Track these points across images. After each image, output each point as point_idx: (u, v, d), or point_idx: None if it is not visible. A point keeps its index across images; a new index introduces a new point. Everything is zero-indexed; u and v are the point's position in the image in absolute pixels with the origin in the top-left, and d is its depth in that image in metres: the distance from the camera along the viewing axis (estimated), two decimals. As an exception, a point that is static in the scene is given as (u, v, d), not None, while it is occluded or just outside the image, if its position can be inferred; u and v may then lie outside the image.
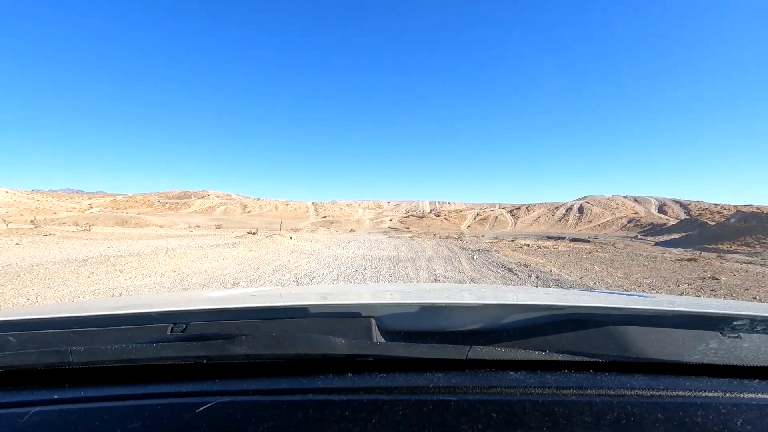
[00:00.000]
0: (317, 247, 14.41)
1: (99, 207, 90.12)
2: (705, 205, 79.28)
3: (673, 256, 13.02)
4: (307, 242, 17.23)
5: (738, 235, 31.61)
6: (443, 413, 0.45)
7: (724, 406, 0.47)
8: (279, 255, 10.99)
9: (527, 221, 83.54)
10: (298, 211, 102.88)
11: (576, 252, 15.17)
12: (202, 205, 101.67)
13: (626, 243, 35.81)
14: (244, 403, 0.47)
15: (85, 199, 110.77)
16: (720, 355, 0.62)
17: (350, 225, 72.68)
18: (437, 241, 23.64)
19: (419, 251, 14.07)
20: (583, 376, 0.55)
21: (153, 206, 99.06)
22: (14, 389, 0.55)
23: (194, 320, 0.74)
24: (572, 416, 0.44)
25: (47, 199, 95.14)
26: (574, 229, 71.70)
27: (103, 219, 57.52)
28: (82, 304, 1.16)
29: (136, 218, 58.68)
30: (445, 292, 1.29)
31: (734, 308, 0.86)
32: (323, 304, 0.89)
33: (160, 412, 0.46)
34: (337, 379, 0.55)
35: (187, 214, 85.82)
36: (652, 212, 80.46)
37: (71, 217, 60.06)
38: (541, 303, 0.89)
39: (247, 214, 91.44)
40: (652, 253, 15.67)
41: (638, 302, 0.96)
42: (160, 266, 7.31)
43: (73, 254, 8.59)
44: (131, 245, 11.64)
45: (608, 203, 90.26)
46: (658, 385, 0.52)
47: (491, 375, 0.55)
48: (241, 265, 8.33)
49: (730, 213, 63.81)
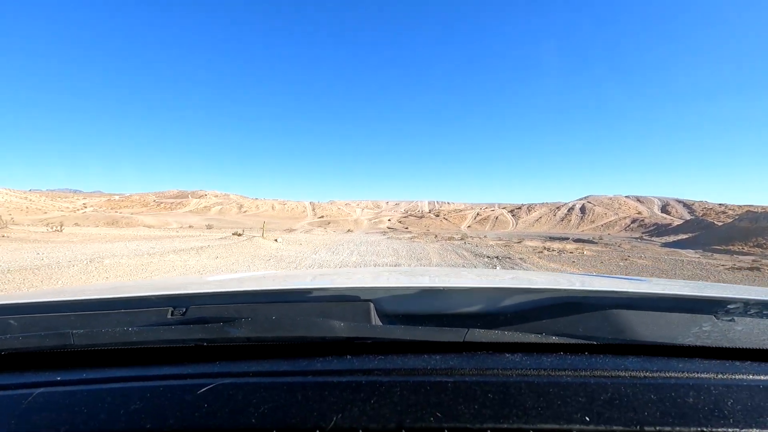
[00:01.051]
0: (303, 252, 12.86)
1: (93, 207, 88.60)
2: (709, 205, 78.04)
3: (724, 265, 11.48)
4: (294, 245, 15.70)
5: (749, 236, 30.21)
6: (440, 394, 0.46)
7: (716, 387, 0.48)
8: (251, 264, 9.41)
9: (528, 221, 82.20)
10: (295, 210, 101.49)
11: (608, 257, 13.54)
12: (197, 204, 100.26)
13: (633, 244, 34.45)
14: (245, 385, 0.48)
15: (80, 198, 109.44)
16: (713, 338, 0.64)
17: (348, 225, 71.28)
18: (441, 243, 22.07)
19: (423, 257, 12.52)
20: (578, 358, 0.56)
21: (148, 206, 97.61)
22: (18, 371, 0.55)
23: (194, 303, 0.75)
24: (567, 397, 0.45)
25: (41, 198, 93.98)
26: (576, 230, 70.38)
27: (93, 219, 56.31)
28: (83, 288, 1.15)
29: (127, 218, 57.21)
30: (443, 275, 1.30)
31: (728, 292, 0.88)
32: (322, 288, 0.90)
33: (162, 394, 0.47)
34: (336, 361, 0.55)
35: (182, 214, 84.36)
36: (655, 212, 79.19)
37: (60, 216, 58.68)
38: (537, 287, 0.90)
39: (243, 214, 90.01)
40: (692, 259, 14.18)
41: (633, 286, 0.99)
42: (58, 285, 5.67)
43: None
44: (83, 250, 10.05)
45: (610, 203, 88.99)
46: (652, 366, 0.53)
47: (488, 357, 0.56)
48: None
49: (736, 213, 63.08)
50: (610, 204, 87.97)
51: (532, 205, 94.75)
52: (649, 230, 60.73)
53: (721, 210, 71.10)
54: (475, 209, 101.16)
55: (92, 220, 54.44)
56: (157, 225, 49.02)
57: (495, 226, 77.80)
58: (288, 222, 74.09)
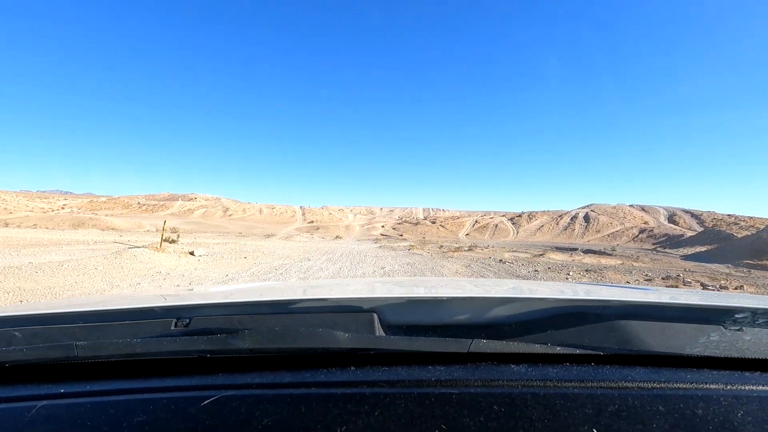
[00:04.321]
0: (221, 280, 8.47)
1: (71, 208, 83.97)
2: (718, 215, 74.42)
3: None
4: (226, 261, 11.33)
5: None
6: (445, 406, 0.45)
7: (725, 398, 0.47)
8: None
9: (530, 230, 78.15)
10: (284, 215, 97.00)
11: (655, 273, 9.78)
12: (181, 207, 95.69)
13: (651, 256, 30.63)
14: (248, 397, 0.48)
15: (61, 199, 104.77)
16: (722, 348, 0.63)
17: (338, 231, 66.95)
18: (444, 255, 17.81)
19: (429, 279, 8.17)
20: (584, 368, 0.56)
21: (129, 208, 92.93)
22: (21, 384, 0.55)
23: (198, 315, 0.75)
24: (574, 409, 0.44)
25: (16, 198, 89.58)
26: (581, 239, 66.33)
27: (59, 220, 51.89)
28: (86, 299, 1.12)
29: (95, 220, 52.71)
30: (447, 285, 1.29)
31: (736, 301, 0.87)
32: (325, 299, 0.90)
33: (165, 406, 0.46)
34: (339, 372, 0.55)
35: (162, 216, 79.59)
36: (662, 222, 75.47)
37: (24, 217, 54.82)
38: (542, 296, 0.89)
39: (228, 218, 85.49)
40: (734, 275, 10.05)
41: (639, 295, 0.98)
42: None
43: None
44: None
45: (614, 212, 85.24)
46: (660, 377, 0.52)
47: (493, 368, 0.55)
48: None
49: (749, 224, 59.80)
50: (614, 213, 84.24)
51: (533, 213, 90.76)
52: (660, 241, 56.78)
53: (732, 221, 67.34)
54: (472, 217, 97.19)
55: (56, 222, 50.05)
56: (127, 228, 44.86)
57: (495, 235, 73.76)
58: (274, 227, 69.67)
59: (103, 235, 27.10)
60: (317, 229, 68.68)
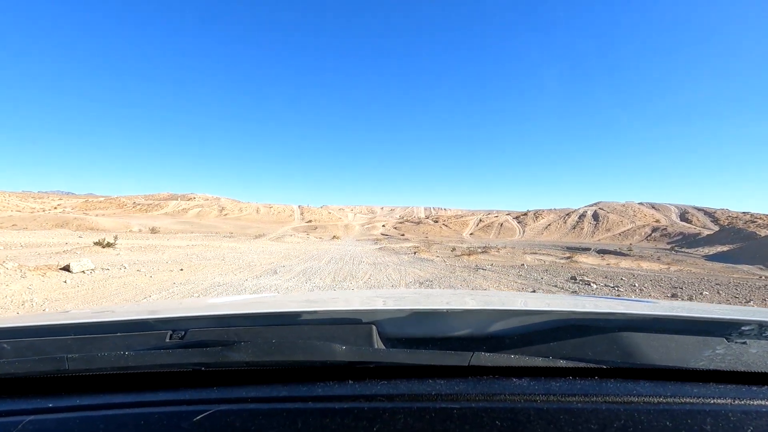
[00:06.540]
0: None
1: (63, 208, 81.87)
2: (733, 213, 71.18)
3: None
4: (157, 275, 8.59)
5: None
6: (446, 421, 0.44)
7: (733, 413, 0.46)
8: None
9: (537, 229, 75.24)
10: (281, 214, 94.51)
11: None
12: (176, 207, 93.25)
13: (672, 257, 28.12)
14: (243, 411, 0.47)
15: (56, 199, 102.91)
16: (727, 361, 0.62)
17: (336, 231, 64.43)
18: (461, 260, 15.08)
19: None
20: (588, 382, 0.54)
21: (124, 208, 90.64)
22: (9, 398, 0.54)
23: (193, 327, 0.74)
24: (578, 424, 0.43)
25: (9, 198, 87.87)
26: (591, 239, 63.39)
27: (43, 220, 49.74)
28: (79, 311, 1.12)
29: (80, 220, 50.39)
30: (446, 297, 1.29)
31: (740, 314, 0.86)
32: (323, 311, 0.89)
33: (158, 421, 0.45)
34: (337, 386, 0.54)
35: (156, 216, 77.40)
36: (674, 220, 72.34)
37: (8, 217, 52.76)
38: (544, 309, 0.88)
39: (223, 218, 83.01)
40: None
41: (642, 308, 0.97)
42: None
43: None
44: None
45: (624, 210, 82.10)
46: (666, 391, 0.51)
47: (494, 382, 0.54)
48: None
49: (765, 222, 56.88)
50: (623, 211, 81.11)
51: (539, 212, 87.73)
52: (675, 240, 53.77)
53: (748, 218, 64.12)
54: (476, 215, 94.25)
55: (39, 222, 47.86)
56: (111, 228, 42.48)
57: (500, 234, 71.00)
58: (269, 227, 67.18)
59: (64, 236, 24.50)
60: (315, 229, 66.15)
